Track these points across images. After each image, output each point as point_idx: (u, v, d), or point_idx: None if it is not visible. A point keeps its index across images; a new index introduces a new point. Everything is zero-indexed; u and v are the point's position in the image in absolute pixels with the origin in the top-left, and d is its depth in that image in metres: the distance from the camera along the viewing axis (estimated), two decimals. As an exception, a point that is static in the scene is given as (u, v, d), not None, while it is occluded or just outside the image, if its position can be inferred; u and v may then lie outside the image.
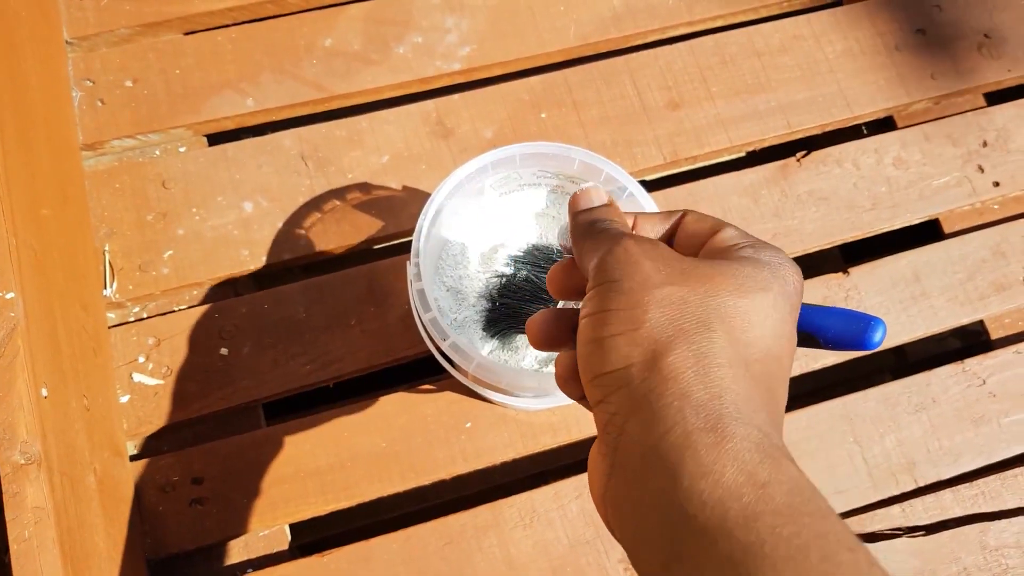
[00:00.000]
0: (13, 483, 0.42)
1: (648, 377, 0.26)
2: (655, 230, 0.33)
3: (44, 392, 0.45)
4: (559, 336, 0.32)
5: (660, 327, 0.26)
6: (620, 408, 0.26)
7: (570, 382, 0.31)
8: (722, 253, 0.30)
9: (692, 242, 0.32)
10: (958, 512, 0.59)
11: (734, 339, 0.27)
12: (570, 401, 0.57)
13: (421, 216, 0.48)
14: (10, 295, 0.44)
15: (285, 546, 0.56)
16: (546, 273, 0.51)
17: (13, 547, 0.41)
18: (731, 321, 0.27)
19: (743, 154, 0.74)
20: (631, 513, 0.26)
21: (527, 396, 0.52)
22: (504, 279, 0.51)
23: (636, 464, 0.25)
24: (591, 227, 0.31)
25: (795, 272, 0.30)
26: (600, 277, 0.28)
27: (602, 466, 0.27)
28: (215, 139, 0.64)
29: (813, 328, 0.38)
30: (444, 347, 0.45)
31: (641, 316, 0.26)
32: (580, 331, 0.28)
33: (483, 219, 0.54)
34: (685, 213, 0.33)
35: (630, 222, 0.33)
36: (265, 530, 0.56)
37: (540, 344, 0.32)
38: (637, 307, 0.27)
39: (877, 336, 0.36)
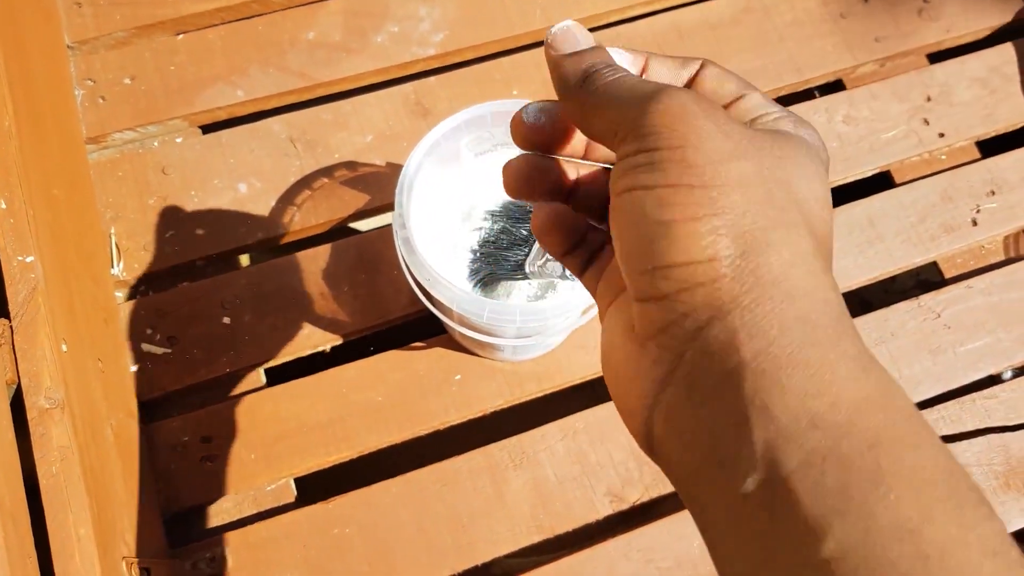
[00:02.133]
0: (40, 425, 0.46)
1: (741, 276, 0.21)
2: (666, 77, 0.28)
3: (64, 347, 0.49)
4: (535, 184, 0.30)
5: (749, 214, 0.22)
6: (697, 309, 0.22)
7: (552, 233, 0.30)
8: (756, 123, 0.26)
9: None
10: (921, 436, 0.63)
11: (814, 230, 0.23)
12: (549, 348, 0.61)
13: (402, 172, 0.52)
14: (30, 259, 0.49)
15: (292, 498, 0.60)
16: (521, 224, 0.55)
17: (43, 482, 0.45)
18: (809, 210, 0.23)
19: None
20: (700, 433, 0.22)
21: (509, 337, 0.56)
22: (483, 231, 0.55)
23: (715, 379, 0.22)
24: (594, 76, 0.26)
25: (823, 147, 0.27)
26: (651, 140, 0.23)
27: (654, 372, 0.23)
28: (209, 129, 0.69)
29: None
30: (427, 285, 0.50)
31: (723, 198, 0.22)
32: (629, 207, 0.23)
33: (462, 180, 0.58)
34: (703, 64, 0.28)
35: (637, 67, 0.28)
36: (272, 484, 0.59)
37: (514, 190, 0.30)
38: (715, 185, 0.22)
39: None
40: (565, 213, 0.30)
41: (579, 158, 0.31)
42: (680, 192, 0.22)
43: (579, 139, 0.30)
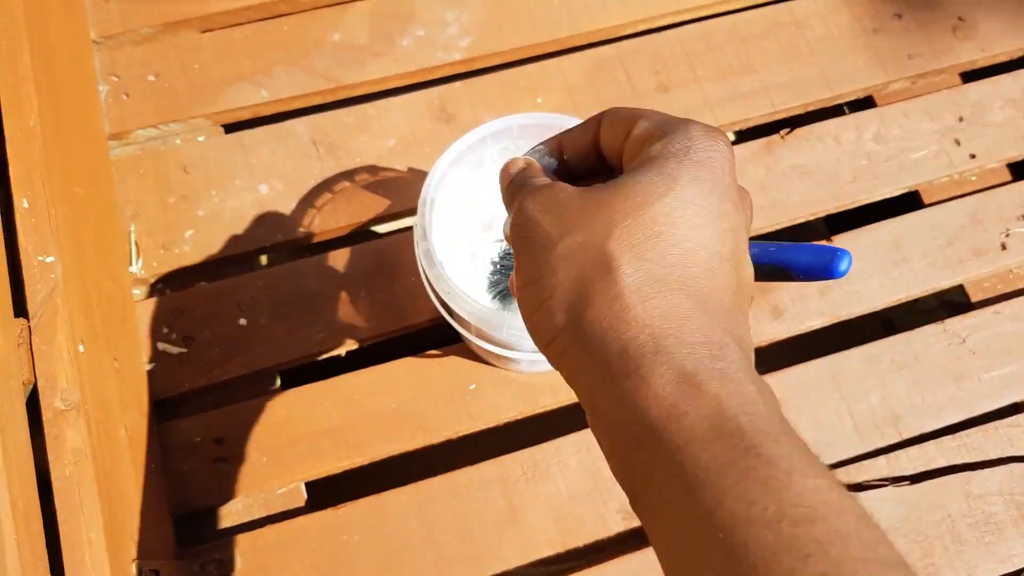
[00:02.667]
0: (55, 427, 0.46)
1: (576, 340, 0.26)
2: (578, 146, 0.32)
3: (81, 348, 0.49)
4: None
5: (571, 285, 0.26)
6: (568, 372, 0.27)
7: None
8: (637, 158, 0.28)
9: (614, 149, 0.30)
10: (942, 463, 0.62)
11: (646, 265, 0.25)
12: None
13: (425, 184, 0.52)
14: (50, 259, 0.49)
15: (302, 503, 0.60)
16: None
17: (56, 484, 0.45)
18: (639, 247, 0.25)
19: (732, 136, 0.77)
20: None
21: (526, 351, 0.55)
22: (503, 243, 0.55)
23: (596, 409, 0.26)
24: (506, 195, 0.31)
25: (717, 147, 0.27)
26: (513, 248, 0.28)
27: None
28: (232, 128, 0.68)
29: (783, 262, 0.42)
30: (447, 299, 0.49)
31: (552, 281, 0.26)
32: (519, 307, 0.29)
33: (484, 190, 0.57)
34: (602, 116, 0.31)
35: (553, 149, 0.33)
36: (283, 487, 0.59)
37: None
38: (546, 272, 0.26)
39: (843, 265, 0.40)
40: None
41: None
42: (529, 289, 0.27)
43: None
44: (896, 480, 0.61)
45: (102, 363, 0.53)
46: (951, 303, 0.72)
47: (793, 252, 0.41)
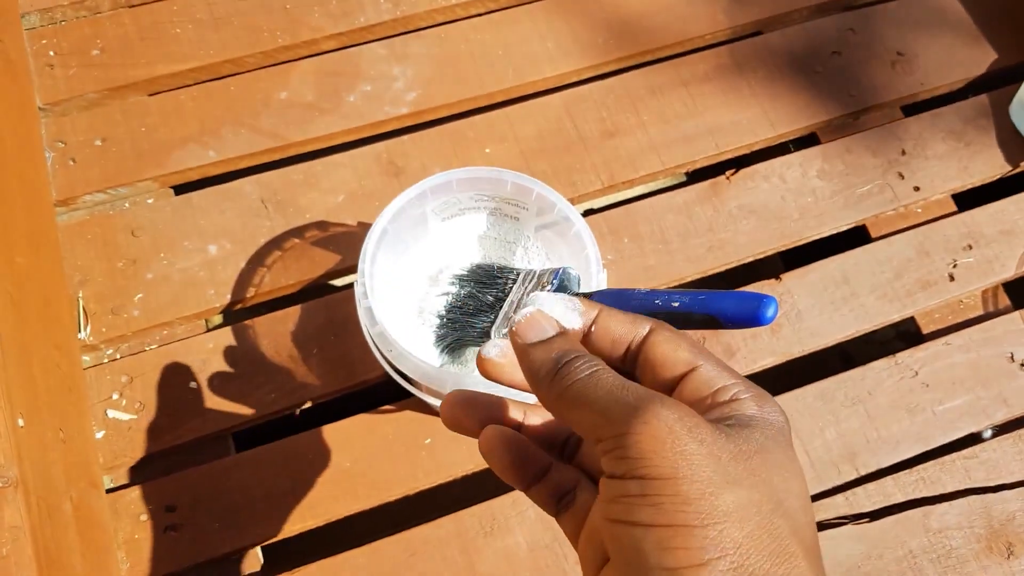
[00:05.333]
0: (-10, 505, 0.45)
1: None
2: (615, 339, 0.28)
3: (20, 422, 0.48)
4: (470, 425, 0.30)
5: (750, 553, 0.22)
6: None
7: (502, 457, 0.29)
8: (713, 404, 0.26)
9: (658, 370, 0.27)
10: (900, 498, 0.62)
11: (805, 545, 0.23)
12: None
13: (366, 240, 0.52)
14: (-15, 333, 0.48)
15: (258, 567, 0.59)
16: (488, 289, 0.55)
17: (-9, 564, 0.44)
18: (797, 522, 0.23)
19: (683, 178, 0.78)
20: None
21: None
22: (449, 296, 0.55)
23: None
24: (566, 371, 0.26)
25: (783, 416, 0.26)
26: (639, 465, 0.22)
27: None
28: (180, 189, 0.69)
29: (713, 311, 0.42)
30: (390, 357, 0.49)
31: (723, 538, 0.21)
32: (628, 543, 0.22)
33: (428, 244, 0.58)
34: (652, 329, 0.28)
35: (588, 316, 0.28)
36: (238, 553, 0.58)
37: (451, 426, 0.31)
38: (713, 523, 0.21)
39: (769, 312, 0.40)
40: (516, 439, 0.30)
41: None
42: (680, 535, 0.21)
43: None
44: (856, 517, 0.61)
45: (45, 435, 0.52)
46: (908, 333, 0.73)
47: (721, 300, 0.41)
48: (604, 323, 0.28)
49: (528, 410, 0.31)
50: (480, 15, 0.75)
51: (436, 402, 0.53)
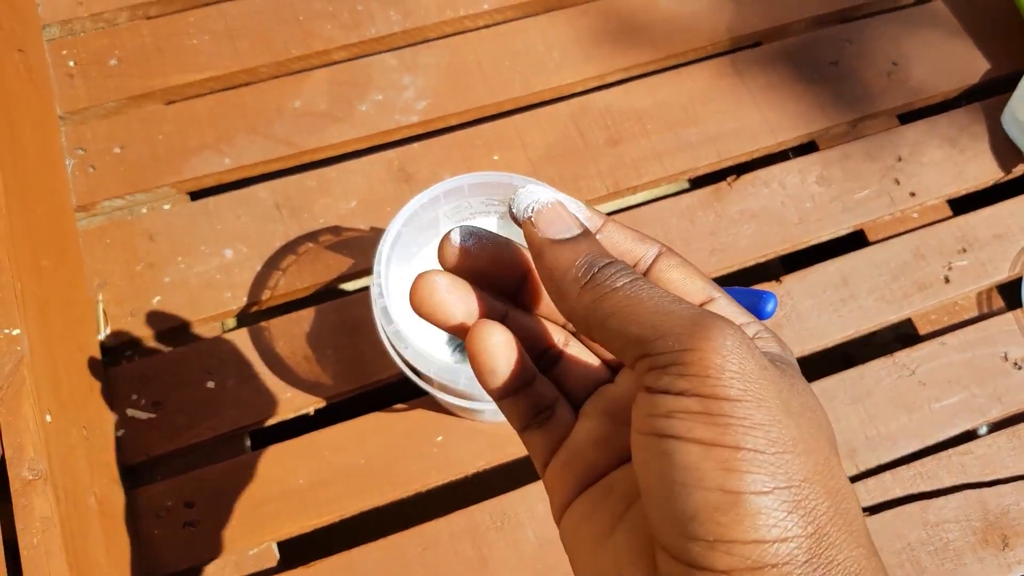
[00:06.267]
0: (23, 496, 0.46)
1: (813, 562, 0.20)
2: (622, 253, 0.26)
3: (48, 418, 0.50)
4: (449, 310, 0.26)
5: (816, 492, 0.21)
6: None
7: (495, 349, 0.25)
8: (755, 341, 0.24)
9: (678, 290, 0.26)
10: (898, 492, 0.63)
11: (859, 522, 0.22)
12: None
13: (381, 242, 0.54)
14: (16, 331, 0.50)
15: (274, 563, 0.60)
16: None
17: (24, 553, 0.45)
18: (844, 490, 0.22)
19: (686, 184, 0.80)
20: None
21: (488, 401, 0.57)
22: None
23: None
24: (600, 278, 0.23)
25: None
26: (705, 384, 0.21)
27: None
28: (197, 195, 0.70)
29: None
30: (405, 354, 0.51)
31: (788, 468, 0.20)
32: (679, 460, 0.21)
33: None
34: (662, 252, 0.26)
35: (594, 223, 0.26)
36: (254, 548, 0.60)
37: (425, 307, 0.26)
38: (780, 452, 0.20)
39: (769, 307, 0.42)
40: (511, 337, 0.26)
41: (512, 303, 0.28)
42: (747, 458, 0.20)
43: (514, 281, 0.28)
44: (856, 512, 0.63)
45: (70, 432, 0.53)
46: (906, 335, 0.75)
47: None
48: (611, 234, 0.26)
49: (510, 309, 0.28)
50: (488, 26, 0.77)
51: (449, 399, 0.55)
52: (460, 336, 0.27)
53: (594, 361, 0.29)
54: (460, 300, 0.26)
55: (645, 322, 0.22)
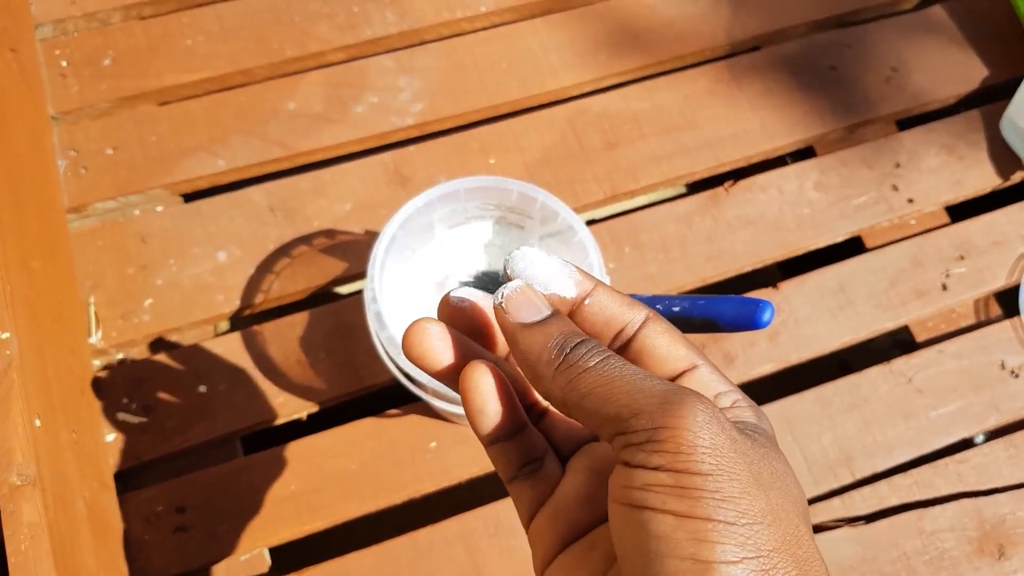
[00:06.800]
0: (11, 502, 0.46)
1: None
2: (609, 318, 0.26)
3: (37, 422, 0.49)
4: (441, 352, 0.26)
5: (784, 562, 0.21)
6: None
7: (487, 394, 0.26)
8: (727, 410, 0.25)
9: (656, 363, 0.26)
10: (895, 501, 0.63)
11: (812, 556, 0.23)
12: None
13: (375, 245, 0.53)
14: (6, 335, 0.49)
15: (266, 569, 0.60)
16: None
17: (11, 560, 0.45)
18: (813, 539, 0.23)
19: (684, 189, 0.80)
20: None
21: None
22: (456, 302, 0.56)
23: None
24: (573, 359, 0.24)
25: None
26: (678, 460, 0.22)
27: None
28: (190, 197, 0.70)
29: (712, 315, 0.43)
30: (399, 360, 0.50)
31: (757, 537, 0.21)
32: (653, 530, 0.22)
33: (435, 251, 0.59)
34: (649, 318, 0.26)
35: (584, 288, 0.26)
36: (246, 554, 0.59)
37: (417, 351, 0.27)
38: (749, 523, 0.21)
39: (766, 316, 0.42)
40: (507, 381, 0.26)
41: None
42: (717, 530, 0.21)
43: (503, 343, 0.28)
44: (851, 520, 0.62)
45: (60, 436, 0.53)
46: (904, 342, 0.74)
47: (720, 305, 0.43)
48: (600, 299, 0.26)
49: (500, 362, 0.28)
50: (485, 29, 0.76)
51: (443, 405, 0.55)
52: (449, 383, 0.27)
53: None
54: (450, 347, 0.27)
55: (619, 401, 0.23)
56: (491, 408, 0.26)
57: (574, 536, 0.26)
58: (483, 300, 0.28)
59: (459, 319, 0.28)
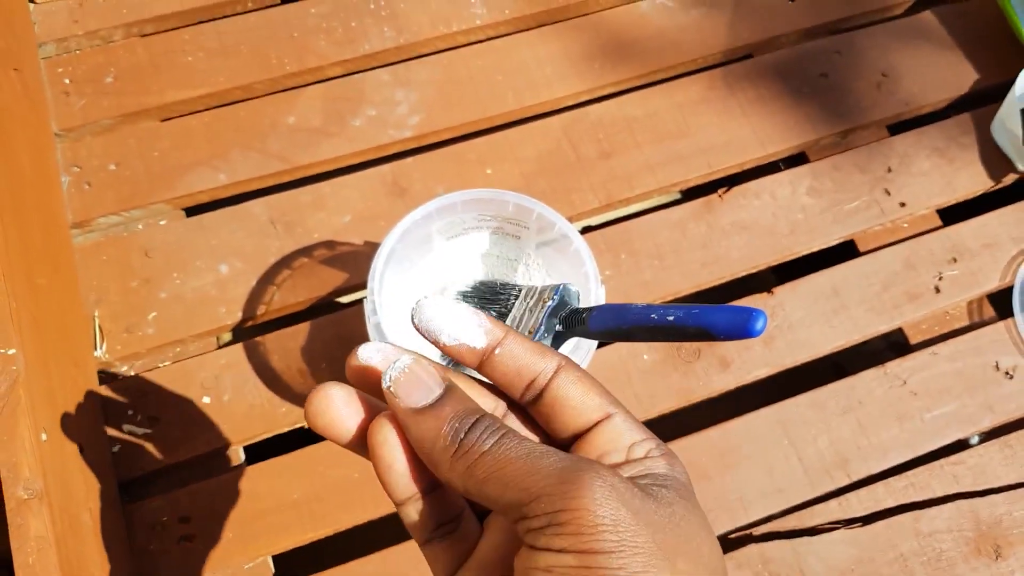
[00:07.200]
0: (18, 516, 0.47)
1: None
2: (520, 367, 0.26)
3: (44, 436, 0.50)
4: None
5: None
6: None
7: (386, 448, 0.25)
8: (628, 460, 0.25)
9: (568, 413, 0.26)
10: (891, 503, 0.64)
11: None
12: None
13: (375, 258, 0.54)
14: (12, 351, 0.50)
15: (270, 577, 0.60)
16: (491, 305, 0.57)
17: (19, 573, 0.46)
18: None
19: (678, 196, 0.81)
20: None
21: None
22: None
23: None
24: (468, 443, 0.24)
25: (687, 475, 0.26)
26: (576, 544, 0.21)
27: None
28: (192, 211, 0.71)
29: (705, 324, 0.44)
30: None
31: None
32: None
33: (433, 263, 0.60)
34: (562, 366, 0.26)
35: (494, 336, 0.26)
36: (250, 563, 0.60)
37: (320, 420, 0.26)
38: None
39: (758, 325, 0.43)
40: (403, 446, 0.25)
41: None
42: None
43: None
44: (848, 523, 0.63)
45: (66, 449, 0.54)
46: (898, 344, 0.75)
47: (713, 314, 0.43)
48: (511, 348, 0.26)
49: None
50: (480, 41, 0.78)
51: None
52: (359, 452, 0.26)
53: None
54: (358, 413, 0.26)
55: (518, 485, 0.22)
56: (400, 464, 0.25)
57: None
58: (393, 355, 0.26)
59: (370, 378, 0.26)
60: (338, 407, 0.26)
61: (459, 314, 0.26)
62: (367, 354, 0.26)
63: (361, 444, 0.26)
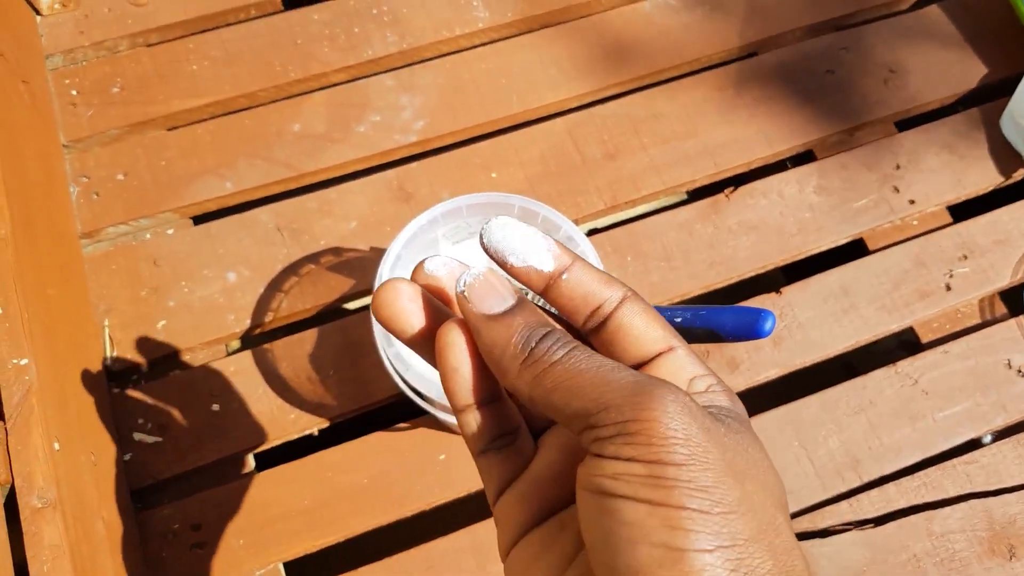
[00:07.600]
0: (32, 524, 0.47)
1: None
2: (587, 294, 0.25)
3: (56, 446, 0.51)
4: (414, 314, 0.26)
5: (759, 551, 0.21)
6: None
7: (458, 358, 0.25)
8: (691, 392, 0.25)
9: (632, 343, 0.25)
10: (903, 503, 0.63)
11: (800, 549, 0.23)
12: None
13: (381, 264, 0.54)
14: (24, 361, 0.51)
15: (281, 583, 0.61)
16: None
17: (31, 582, 0.46)
18: (790, 527, 0.23)
19: (684, 197, 0.81)
20: None
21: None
22: (460, 317, 0.57)
23: None
24: (539, 353, 0.23)
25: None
26: (651, 450, 0.21)
27: None
28: (199, 220, 0.71)
29: (713, 325, 0.44)
30: (407, 376, 0.51)
31: (731, 527, 0.21)
32: (625, 518, 0.21)
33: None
34: (627, 296, 0.26)
35: (562, 262, 0.25)
36: (261, 569, 0.60)
37: (387, 314, 0.26)
38: (723, 512, 0.21)
39: (767, 325, 0.43)
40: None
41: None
42: (692, 518, 0.21)
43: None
44: (860, 523, 0.63)
45: (79, 458, 0.54)
46: (909, 343, 0.75)
47: (721, 315, 0.43)
48: (578, 274, 0.25)
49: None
50: (484, 45, 0.78)
51: (452, 419, 0.56)
52: (422, 351, 0.26)
53: None
54: (422, 311, 0.26)
55: (587, 395, 0.22)
56: (466, 368, 0.25)
57: (544, 515, 0.26)
58: (459, 271, 0.27)
59: (434, 292, 0.27)
60: (404, 301, 0.26)
61: (530, 236, 0.25)
62: (433, 266, 0.26)
63: (421, 342, 0.26)
